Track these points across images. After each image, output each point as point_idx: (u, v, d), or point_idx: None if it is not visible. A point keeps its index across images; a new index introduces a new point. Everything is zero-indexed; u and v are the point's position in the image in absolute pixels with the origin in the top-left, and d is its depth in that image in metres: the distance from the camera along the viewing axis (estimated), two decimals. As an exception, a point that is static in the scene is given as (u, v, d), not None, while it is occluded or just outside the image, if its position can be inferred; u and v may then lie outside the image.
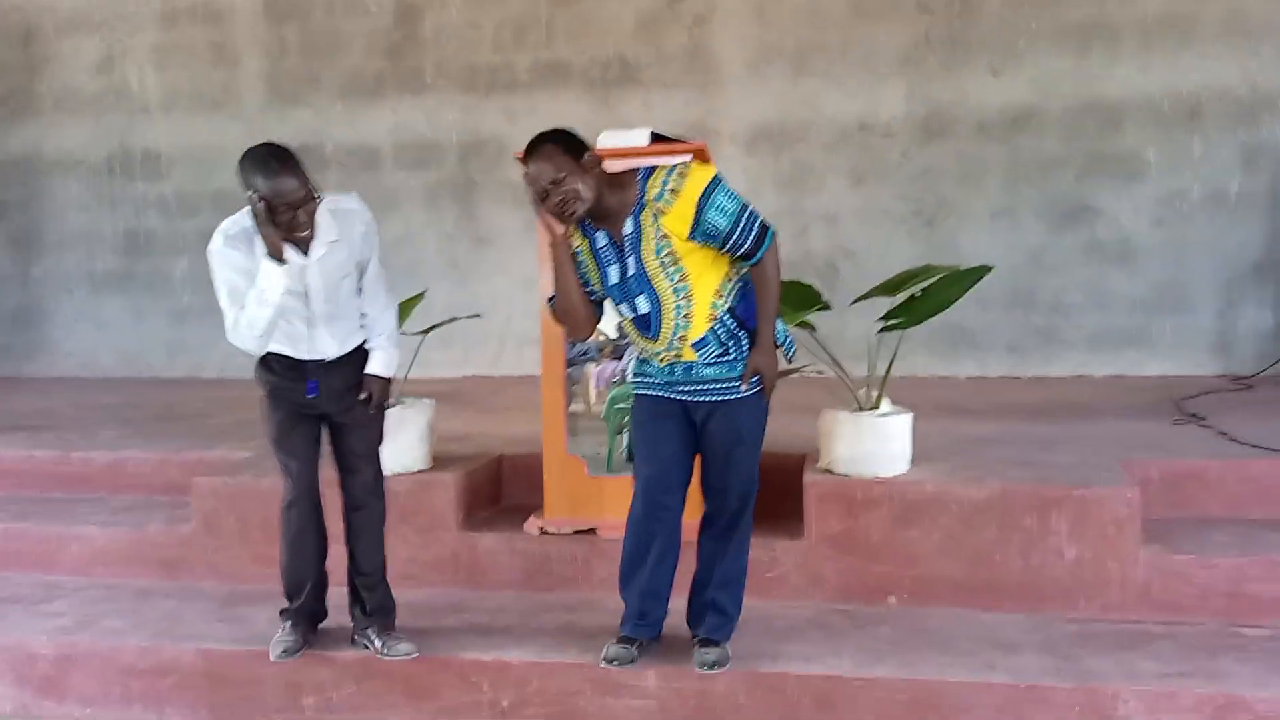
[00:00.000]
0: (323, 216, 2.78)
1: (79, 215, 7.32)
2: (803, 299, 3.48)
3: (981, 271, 3.42)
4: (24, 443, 4.68)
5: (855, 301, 3.54)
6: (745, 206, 2.60)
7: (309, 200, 2.69)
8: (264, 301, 2.70)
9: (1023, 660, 2.80)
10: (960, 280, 3.42)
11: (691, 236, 2.57)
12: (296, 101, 6.75)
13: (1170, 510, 3.46)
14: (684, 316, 2.64)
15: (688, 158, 2.85)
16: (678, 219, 2.57)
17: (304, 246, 2.76)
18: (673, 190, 2.57)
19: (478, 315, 4.91)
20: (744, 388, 2.68)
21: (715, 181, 2.59)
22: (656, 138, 3.39)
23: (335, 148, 6.65)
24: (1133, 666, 2.73)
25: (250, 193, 2.65)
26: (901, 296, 3.47)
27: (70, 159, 7.29)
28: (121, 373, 7.23)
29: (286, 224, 2.67)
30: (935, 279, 3.44)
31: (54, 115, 7.29)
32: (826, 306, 3.49)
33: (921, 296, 3.46)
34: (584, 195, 2.59)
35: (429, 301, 4.27)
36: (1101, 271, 5.97)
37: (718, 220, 2.56)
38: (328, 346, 2.88)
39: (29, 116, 7.33)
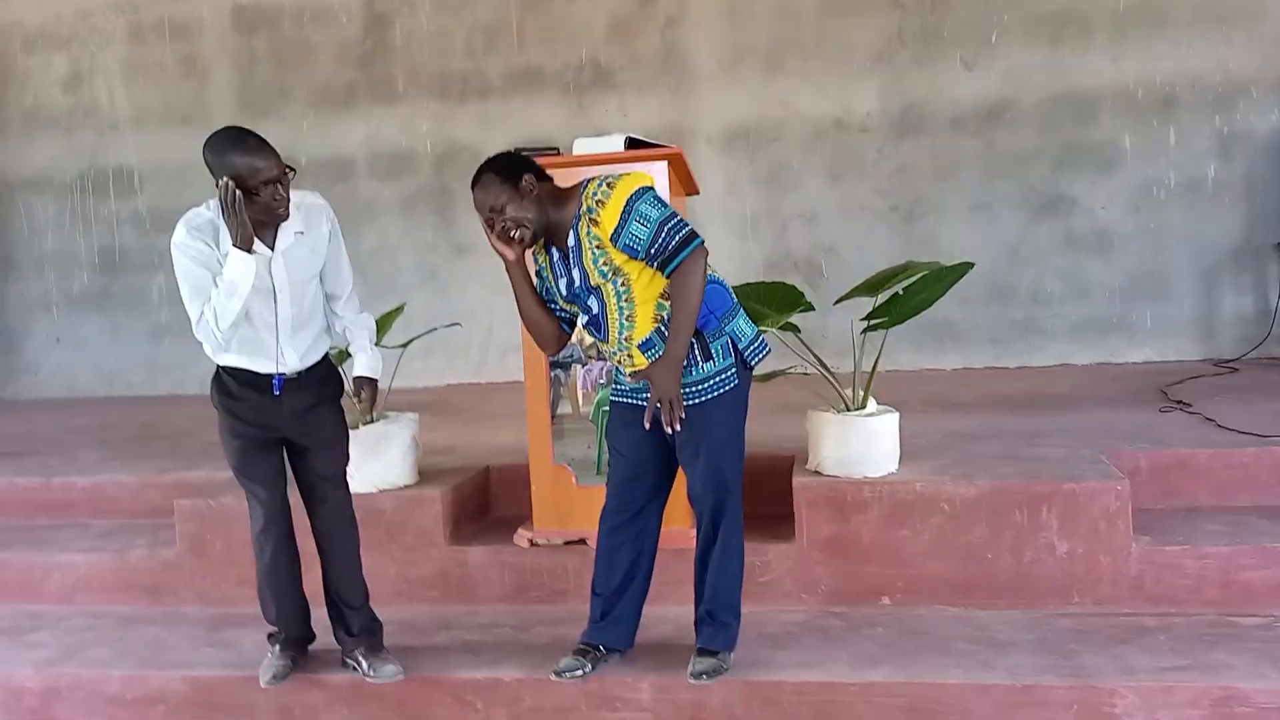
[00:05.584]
0: (290, 209, 2.71)
1: (53, 234, 7.25)
2: (786, 300, 3.46)
3: (963, 269, 3.42)
4: (6, 469, 4.62)
5: (838, 302, 3.53)
6: (671, 216, 2.58)
7: (285, 176, 2.63)
8: (234, 292, 2.60)
9: (1019, 659, 2.79)
10: (941, 278, 3.41)
11: (615, 245, 2.58)
12: (268, 114, 6.67)
13: (1159, 500, 3.47)
14: (627, 318, 2.65)
15: (627, 167, 2.87)
16: (604, 229, 2.58)
17: (268, 239, 2.70)
18: (599, 201, 2.58)
19: (457, 324, 4.87)
20: (646, 424, 2.64)
21: (640, 192, 2.58)
22: (632, 143, 3.37)
23: (309, 160, 6.58)
24: (1129, 661, 2.73)
25: (222, 179, 2.56)
26: (883, 296, 3.46)
27: (42, 177, 7.21)
28: (102, 392, 7.17)
29: (265, 204, 2.60)
30: (916, 277, 3.43)
31: (23, 133, 7.20)
32: (810, 307, 3.47)
33: (903, 295, 3.45)
34: (524, 220, 2.62)
35: (408, 312, 4.23)
36: (1080, 261, 6.00)
37: (638, 231, 2.55)
38: (290, 358, 2.80)
39: (-3, 136, 7.25)
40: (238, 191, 2.56)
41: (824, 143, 6.20)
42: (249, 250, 2.61)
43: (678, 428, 2.63)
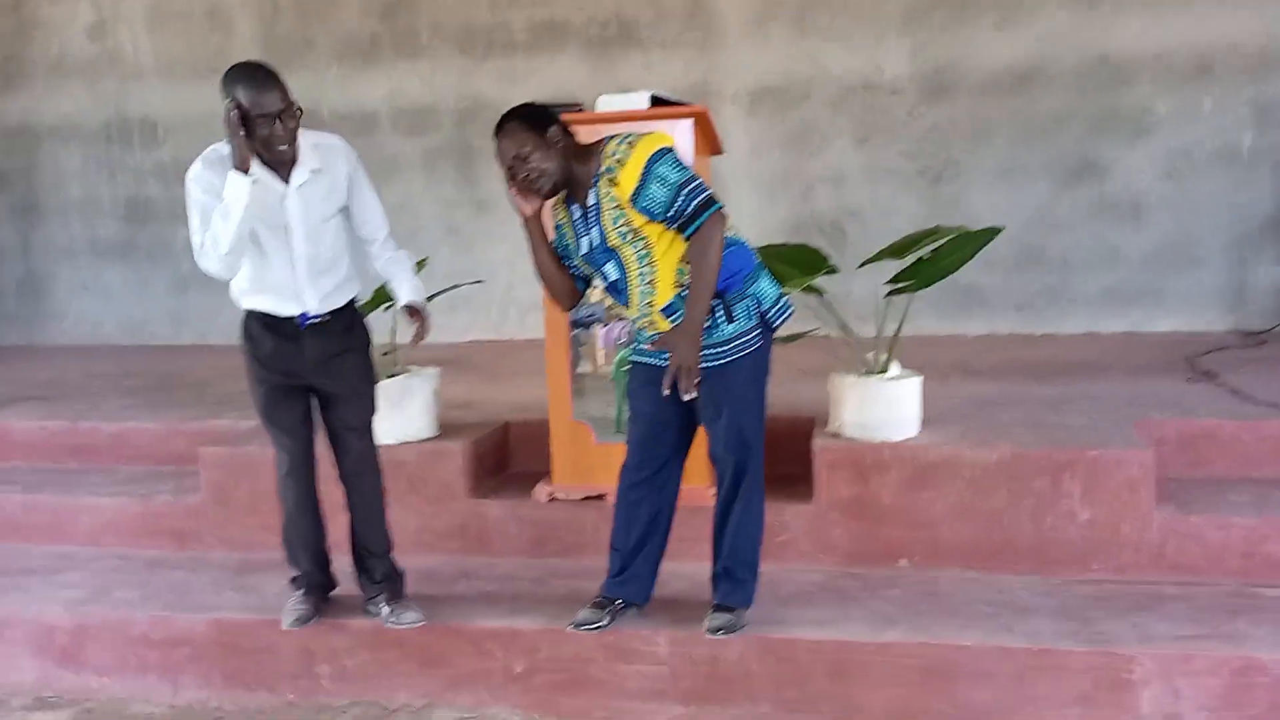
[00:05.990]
0: (305, 148, 2.73)
1: (78, 183, 7.26)
2: (809, 262, 3.44)
3: (991, 233, 3.37)
4: (36, 413, 4.68)
5: (863, 265, 3.50)
6: (691, 180, 2.55)
7: (290, 114, 2.63)
8: (228, 215, 2.61)
9: (1037, 623, 2.79)
10: (969, 242, 3.37)
11: (634, 206, 2.55)
12: (291, 65, 6.54)
13: (1184, 470, 3.44)
14: (648, 283, 2.63)
15: (651, 125, 2.82)
16: (623, 189, 2.55)
17: (285, 174, 2.70)
18: (619, 160, 2.56)
19: (480, 281, 4.88)
20: (665, 390, 2.61)
21: (661, 153, 2.55)
22: (656, 101, 3.33)
23: (331, 112, 6.55)
24: (1148, 629, 2.72)
25: (227, 101, 2.58)
26: (910, 259, 3.42)
27: (67, 126, 7.21)
28: (126, 340, 7.22)
29: (265, 138, 2.61)
30: (944, 241, 3.39)
31: (49, 82, 7.20)
32: (834, 270, 3.45)
33: (930, 259, 3.41)
34: (548, 170, 2.60)
35: (430, 268, 4.22)
36: (1110, 228, 5.90)
37: (657, 192, 2.52)
38: (310, 300, 2.81)
39: (23, 84, 7.24)
40: (239, 116, 2.57)
41: (852, 104, 6.10)
42: (244, 171, 2.61)
43: (694, 394, 2.62)
